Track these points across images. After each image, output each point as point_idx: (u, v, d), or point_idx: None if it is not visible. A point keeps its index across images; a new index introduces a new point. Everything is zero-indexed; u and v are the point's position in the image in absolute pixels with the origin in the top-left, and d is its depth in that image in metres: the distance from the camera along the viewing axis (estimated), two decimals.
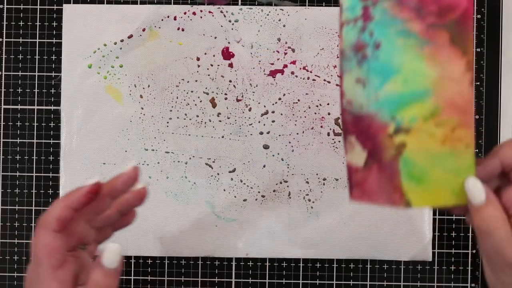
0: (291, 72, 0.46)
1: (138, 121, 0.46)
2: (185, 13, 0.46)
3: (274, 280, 0.46)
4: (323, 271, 0.46)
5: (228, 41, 0.46)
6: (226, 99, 0.46)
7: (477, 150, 0.46)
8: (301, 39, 0.46)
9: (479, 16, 0.47)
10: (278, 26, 0.46)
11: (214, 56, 0.46)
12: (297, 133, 0.46)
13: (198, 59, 0.46)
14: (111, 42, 0.46)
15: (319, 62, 0.46)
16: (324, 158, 0.46)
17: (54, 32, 0.47)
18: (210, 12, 0.46)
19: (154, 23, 0.46)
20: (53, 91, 0.47)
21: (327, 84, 0.46)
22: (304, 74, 0.46)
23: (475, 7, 0.47)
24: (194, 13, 0.46)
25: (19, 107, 0.47)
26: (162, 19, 0.46)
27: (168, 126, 0.46)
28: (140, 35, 0.46)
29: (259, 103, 0.46)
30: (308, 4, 0.46)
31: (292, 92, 0.46)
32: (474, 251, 0.46)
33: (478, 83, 0.46)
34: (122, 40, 0.46)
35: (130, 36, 0.46)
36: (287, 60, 0.46)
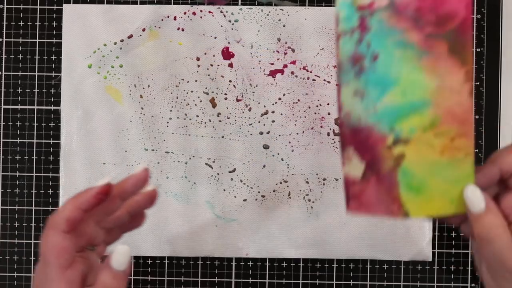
0: (291, 72, 0.46)
1: (138, 121, 0.46)
2: (185, 13, 0.46)
3: (274, 280, 0.46)
4: (323, 271, 0.46)
5: (228, 41, 0.46)
6: (226, 99, 0.46)
7: (477, 150, 0.46)
8: (301, 39, 0.46)
9: (479, 16, 0.47)
10: (278, 26, 0.46)
11: (214, 56, 0.46)
12: (297, 133, 0.46)
13: (198, 59, 0.46)
14: (111, 42, 0.46)
15: (319, 62, 0.46)
16: (324, 158, 0.46)
17: (54, 32, 0.47)
18: (210, 12, 0.46)
19: (154, 23, 0.46)
20: (53, 91, 0.47)
21: (327, 84, 0.46)
22: (304, 74, 0.46)
23: (475, 7, 0.47)
24: (194, 13, 0.46)
25: (19, 107, 0.47)
26: (162, 19, 0.46)
27: (168, 126, 0.46)
28: (140, 35, 0.46)
29: (259, 103, 0.46)
30: (308, 4, 0.46)
31: (292, 92, 0.46)
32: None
33: (478, 83, 0.46)
34: (122, 40, 0.46)
35: (130, 36, 0.46)
36: (287, 60, 0.46)
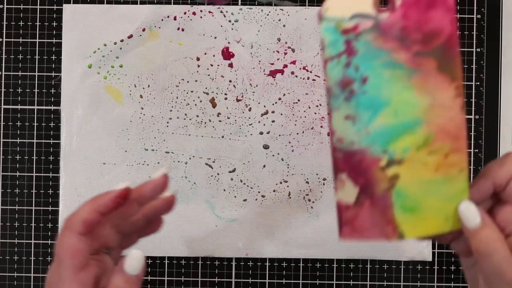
0: (291, 72, 0.46)
1: (138, 121, 0.46)
2: (185, 13, 0.46)
3: (274, 280, 0.46)
4: (323, 271, 0.46)
5: (228, 41, 0.46)
6: (226, 99, 0.46)
7: (476, 150, 0.46)
8: (301, 39, 0.46)
9: (479, 16, 0.47)
10: (278, 26, 0.46)
11: (214, 56, 0.46)
12: (297, 133, 0.46)
13: (198, 59, 0.46)
14: (111, 42, 0.46)
15: (319, 62, 0.46)
16: (324, 158, 0.46)
17: (54, 32, 0.47)
18: (210, 12, 0.46)
19: (154, 23, 0.46)
20: (53, 91, 0.47)
21: None
22: (304, 74, 0.46)
23: (475, 7, 0.47)
24: (194, 13, 0.46)
25: (19, 107, 0.47)
26: (162, 19, 0.46)
27: (168, 126, 0.46)
28: (140, 35, 0.46)
29: (259, 103, 0.46)
30: (308, 4, 0.46)
31: (292, 92, 0.46)
32: None
33: (478, 83, 0.46)
34: (122, 40, 0.46)
35: (130, 36, 0.46)
36: (287, 60, 0.46)
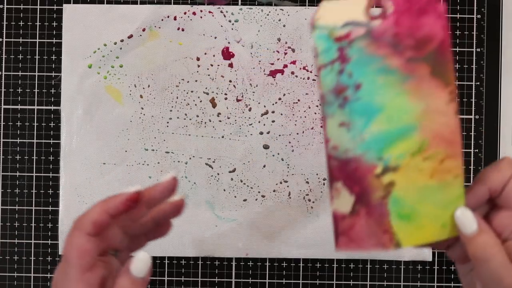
0: (291, 72, 0.46)
1: (138, 121, 0.46)
2: (185, 13, 0.46)
3: (274, 280, 0.46)
4: (323, 271, 0.46)
5: (228, 41, 0.46)
6: (226, 99, 0.46)
7: (476, 150, 0.46)
8: (301, 39, 0.46)
9: (479, 16, 0.47)
10: (278, 26, 0.46)
11: (214, 56, 0.46)
12: (297, 133, 0.46)
13: (198, 59, 0.46)
14: (111, 42, 0.46)
15: None
16: (324, 158, 0.46)
17: (54, 32, 0.47)
18: (210, 12, 0.46)
19: (154, 23, 0.46)
20: (53, 91, 0.47)
21: None
22: (304, 74, 0.46)
23: (475, 7, 0.47)
24: (194, 13, 0.46)
25: (19, 107, 0.47)
26: (162, 19, 0.46)
27: (168, 126, 0.46)
28: (140, 35, 0.46)
29: (259, 103, 0.46)
30: (308, 4, 0.46)
31: (292, 92, 0.46)
32: None
33: (478, 83, 0.47)
34: (122, 40, 0.46)
35: (130, 36, 0.46)
36: (287, 60, 0.46)
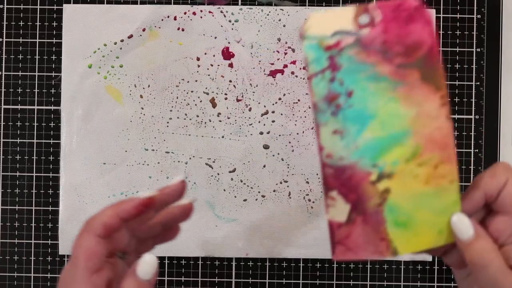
0: (291, 72, 0.46)
1: (138, 121, 0.46)
2: (185, 13, 0.46)
3: (274, 280, 0.46)
4: (323, 271, 0.46)
5: (228, 41, 0.46)
6: (226, 99, 0.46)
7: (477, 150, 0.46)
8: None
9: (479, 16, 0.47)
10: (278, 26, 0.46)
11: (214, 56, 0.46)
12: (297, 133, 0.46)
13: (198, 59, 0.46)
14: (111, 42, 0.46)
15: None
16: None
17: (54, 32, 0.47)
18: (210, 12, 0.46)
19: (154, 23, 0.46)
20: (53, 91, 0.47)
21: None
22: (304, 74, 0.46)
23: (475, 7, 0.47)
24: (194, 13, 0.46)
25: (19, 107, 0.47)
26: (162, 19, 0.46)
27: (168, 126, 0.46)
28: (140, 35, 0.46)
29: (259, 103, 0.46)
30: (308, 4, 0.46)
31: (292, 92, 0.46)
32: None
33: (478, 83, 0.47)
34: (122, 40, 0.46)
35: (130, 36, 0.46)
36: (287, 60, 0.46)
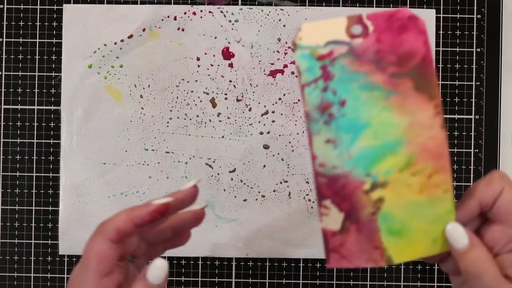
0: (291, 72, 0.46)
1: (138, 121, 0.46)
2: (185, 13, 0.46)
3: (274, 280, 0.46)
4: (323, 271, 0.46)
5: (228, 41, 0.46)
6: (226, 99, 0.46)
7: (477, 150, 0.46)
8: None
9: (479, 16, 0.47)
10: (278, 26, 0.46)
11: (214, 56, 0.46)
12: (297, 133, 0.46)
13: (198, 59, 0.46)
14: (111, 42, 0.46)
15: None
16: None
17: (54, 32, 0.47)
18: (210, 12, 0.46)
19: (154, 23, 0.46)
20: (53, 91, 0.47)
21: None
22: None
23: (475, 7, 0.47)
24: (194, 13, 0.46)
25: (19, 107, 0.47)
26: (162, 19, 0.46)
27: (168, 126, 0.46)
28: (140, 35, 0.46)
29: (259, 103, 0.46)
30: (308, 4, 0.46)
31: (292, 92, 0.46)
32: None
33: (478, 83, 0.47)
34: (122, 40, 0.46)
35: (130, 36, 0.46)
36: (287, 60, 0.46)
